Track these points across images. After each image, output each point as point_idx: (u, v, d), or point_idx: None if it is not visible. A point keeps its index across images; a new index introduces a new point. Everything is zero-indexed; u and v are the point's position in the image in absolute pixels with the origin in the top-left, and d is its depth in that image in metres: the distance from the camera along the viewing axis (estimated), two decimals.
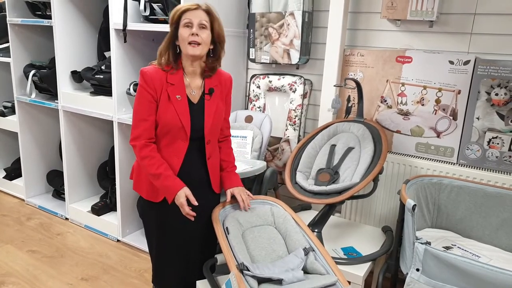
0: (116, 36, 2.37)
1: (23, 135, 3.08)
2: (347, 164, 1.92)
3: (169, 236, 1.62)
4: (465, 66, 1.97)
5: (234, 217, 1.60)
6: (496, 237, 1.80)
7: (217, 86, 1.59)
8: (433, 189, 1.91)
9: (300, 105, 2.40)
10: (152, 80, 1.48)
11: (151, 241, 1.67)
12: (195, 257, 1.67)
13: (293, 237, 1.56)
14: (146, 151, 1.49)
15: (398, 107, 2.17)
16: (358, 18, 2.25)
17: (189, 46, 1.45)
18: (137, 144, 1.49)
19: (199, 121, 1.54)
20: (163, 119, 1.49)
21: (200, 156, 1.59)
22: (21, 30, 2.94)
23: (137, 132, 1.50)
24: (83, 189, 3.03)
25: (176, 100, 1.49)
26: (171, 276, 1.67)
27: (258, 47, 2.47)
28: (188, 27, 1.45)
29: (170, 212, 1.57)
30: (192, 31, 1.44)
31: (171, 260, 1.65)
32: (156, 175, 1.48)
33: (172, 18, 1.48)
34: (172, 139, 1.52)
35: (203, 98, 1.56)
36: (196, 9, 1.46)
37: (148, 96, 1.48)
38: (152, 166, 1.48)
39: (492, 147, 1.97)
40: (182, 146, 1.53)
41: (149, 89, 1.48)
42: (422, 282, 1.45)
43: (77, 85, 2.83)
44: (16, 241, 2.62)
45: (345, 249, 1.87)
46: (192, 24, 1.45)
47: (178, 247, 1.64)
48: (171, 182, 1.48)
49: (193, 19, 1.44)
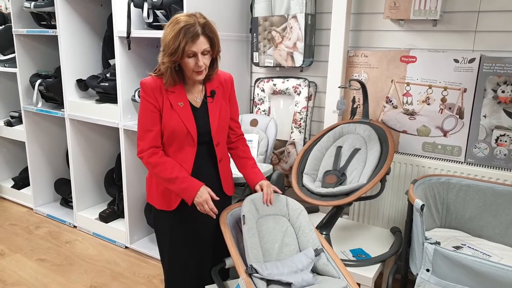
0: (120, 43, 2.39)
1: (30, 145, 3.11)
2: (354, 166, 1.92)
3: (182, 244, 1.62)
4: (470, 64, 1.96)
5: (252, 203, 1.56)
6: (507, 235, 1.78)
7: (218, 87, 1.59)
8: (441, 189, 1.89)
9: (305, 108, 2.40)
10: (152, 90, 1.48)
11: (164, 250, 1.68)
12: (208, 263, 1.67)
13: (306, 234, 1.55)
14: (155, 158, 1.49)
15: (404, 107, 2.16)
16: (361, 19, 2.24)
17: (195, 73, 1.46)
18: (144, 154, 1.49)
19: (204, 125, 1.54)
20: (168, 127, 1.49)
21: (211, 160, 1.60)
22: (26, 40, 2.97)
23: (143, 144, 1.50)
24: (91, 197, 3.05)
25: (179, 107, 1.49)
26: (184, 284, 1.67)
27: (262, 50, 2.48)
28: (193, 57, 1.42)
29: (183, 220, 1.58)
30: (198, 63, 1.42)
31: (184, 268, 1.65)
32: (172, 179, 1.47)
33: (175, 52, 1.39)
34: (180, 146, 1.52)
35: (205, 101, 1.56)
36: (196, 37, 1.39)
37: (150, 107, 1.48)
38: (165, 171, 1.48)
39: (500, 145, 1.95)
40: (190, 152, 1.53)
41: (150, 100, 1.48)
42: (433, 282, 1.43)
43: (83, 93, 2.85)
44: (25, 250, 2.64)
45: (354, 251, 1.86)
46: (196, 54, 1.41)
47: (192, 254, 1.64)
48: (188, 183, 1.48)
49: (196, 50, 1.40)
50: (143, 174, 2.67)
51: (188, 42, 1.38)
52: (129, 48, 2.39)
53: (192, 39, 1.38)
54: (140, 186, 2.66)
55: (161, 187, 1.57)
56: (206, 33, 1.41)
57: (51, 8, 2.67)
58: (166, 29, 1.42)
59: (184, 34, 1.37)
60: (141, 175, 2.66)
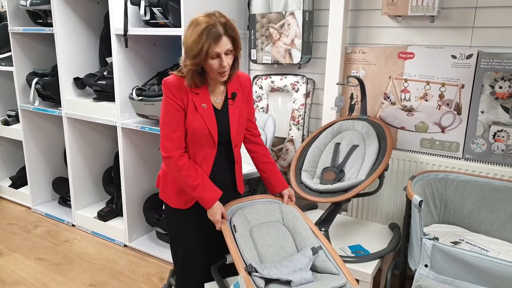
0: (117, 41, 2.38)
1: (27, 143, 3.10)
2: (352, 162, 1.92)
3: (195, 241, 1.64)
4: (468, 60, 1.96)
5: (241, 214, 1.60)
6: (505, 230, 1.79)
7: (238, 89, 1.60)
8: (439, 185, 1.90)
9: (303, 105, 2.40)
10: (177, 91, 1.47)
11: (176, 247, 1.69)
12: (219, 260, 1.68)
13: (302, 234, 1.56)
14: (183, 162, 1.49)
15: (402, 103, 2.16)
16: (358, 16, 2.24)
17: (219, 74, 1.45)
18: (174, 155, 1.48)
19: (224, 127, 1.55)
20: (191, 128, 1.50)
21: (227, 160, 1.62)
22: (22, 38, 2.96)
23: (170, 144, 1.49)
24: (89, 195, 3.04)
25: (202, 108, 1.50)
26: (196, 281, 1.68)
27: (260, 47, 2.47)
28: (216, 58, 1.41)
29: (196, 217, 1.60)
30: (222, 63, 1.41)
31: (197, 265, 1.67)
32: (194, 186, 1.49)
33: (198, 55, 1.37)
34: (200, 147, 1.53)
35: (226, 103, 1.57)
36: (219, 38, 1.37)
37: (176, 106, 1.48)
38: (190, 177, 1.49)
39: (497, 141, 1.96)
40: (210, 153, 1.55)
41: (176, 100, 1.47)
42: (431, 278, 1.44)
43: (80, 92, 2.84)
44: (23, 249, 2.63)
45: (353, 247, 1.86)
46: (220, 55, 1.40)
47: (204, 251, 1.65)
48: (207, 193, 1.51)
49: (219, 51, 1.38)
50: (141, 172, 2.67)
51: (211, 43, 1.36)
52: (126, 46, 2.38)
53: (214, 40, 1.36)
54: (138, 184, 2.66)
55: (177, 186, 1.58)
56: (228, 33, 1.39)
57: (47, 6, 2.65)
58: (187, 31, 1.40)
59: (206, 36, 1.35)
60: (140, 173, 2.66)
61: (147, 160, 2.69)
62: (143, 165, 2.67)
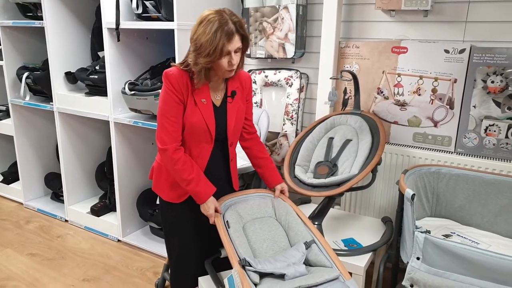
0: (109, 35, 2.35)
1: (18, 139, 3.06)
2: (346, 156, 1.93)
3: (190, 234, 1.64)
4: (460, 54, 1.97)
5: (234, 210, 1.60)
6: (495, 223, 1.81)
7: (238, 88, 1.60)
8: (431, 178, 1.91)
9: (297, 99, 2.40)
10: (178, 83, 1.46)
11: (172, 241, 1.68)
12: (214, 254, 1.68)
13: (295, 229, 1.57)
14: (179, 155, 1.49)
15: (395, 98, 2.17)
16: (352, 10, 2.24)
17: (227, 71, 1.45)
18: (170, 147, 1.48)
19: (222, 124, 1.55)
20: (189, 122, 1.49)
21: (223, 157, 1.62)
22: (12, 32, 2.91)
23: (167, 135, 1.48)
24: (82, 191, 3.02)
25: (202, 103, 1.50)
26: (191, 274, 1.68)
27: (253, 42, 2.46)
28: (226, 56, 1.40)
29: (190, 211, 1.60)
30: (232, 61, 1.41)
31: (192, 259, 1.67)
32: (188, 180, 1.49)
33: (213, 53, 1.36)
34: (197, 142, 1.53)
35: (225, 101, 1.57)
36: (232, 36, 1.37)
37: (176, 99, 1.47)
38: (184, 171, 1.48)
39: (489, 135, 1.98)
40: (206, 149, 1.55)
41: (176, 92, 1.46)
42: (423, 270, 1.45)
43: (72, 86, 2.81)
44: (16, 245, 2.61)
45: (346, 241, 1.88)
46: (230, 53, 1.40)
47: (199, 245, 1.66)
48: (201, 188, 1.50)
49: (230, 49, 1.39)
50: (135, 167, 2.66)
51: (225, 42, 1.36)
52: (119, 40, 2.36)
53: (227, 38, 1.36)
54: (131, 179, 2.65)
55: (170, 179, 1.57)
56: (239, 31, 1.40)
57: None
58: (197, 28, 1.38)
59: (221, 34, 1.34)
60: (133, 168, 2.64)
61: (140, 155, 2.68)
62: (136, 160, 2.66)
